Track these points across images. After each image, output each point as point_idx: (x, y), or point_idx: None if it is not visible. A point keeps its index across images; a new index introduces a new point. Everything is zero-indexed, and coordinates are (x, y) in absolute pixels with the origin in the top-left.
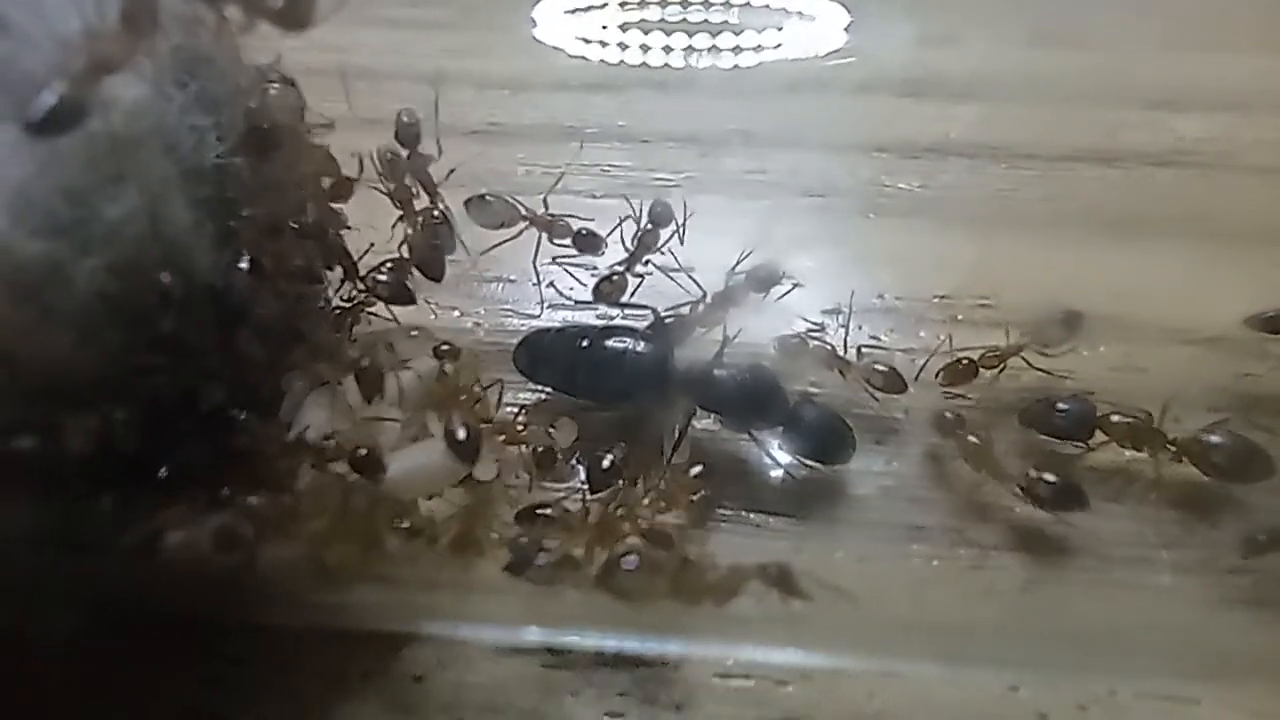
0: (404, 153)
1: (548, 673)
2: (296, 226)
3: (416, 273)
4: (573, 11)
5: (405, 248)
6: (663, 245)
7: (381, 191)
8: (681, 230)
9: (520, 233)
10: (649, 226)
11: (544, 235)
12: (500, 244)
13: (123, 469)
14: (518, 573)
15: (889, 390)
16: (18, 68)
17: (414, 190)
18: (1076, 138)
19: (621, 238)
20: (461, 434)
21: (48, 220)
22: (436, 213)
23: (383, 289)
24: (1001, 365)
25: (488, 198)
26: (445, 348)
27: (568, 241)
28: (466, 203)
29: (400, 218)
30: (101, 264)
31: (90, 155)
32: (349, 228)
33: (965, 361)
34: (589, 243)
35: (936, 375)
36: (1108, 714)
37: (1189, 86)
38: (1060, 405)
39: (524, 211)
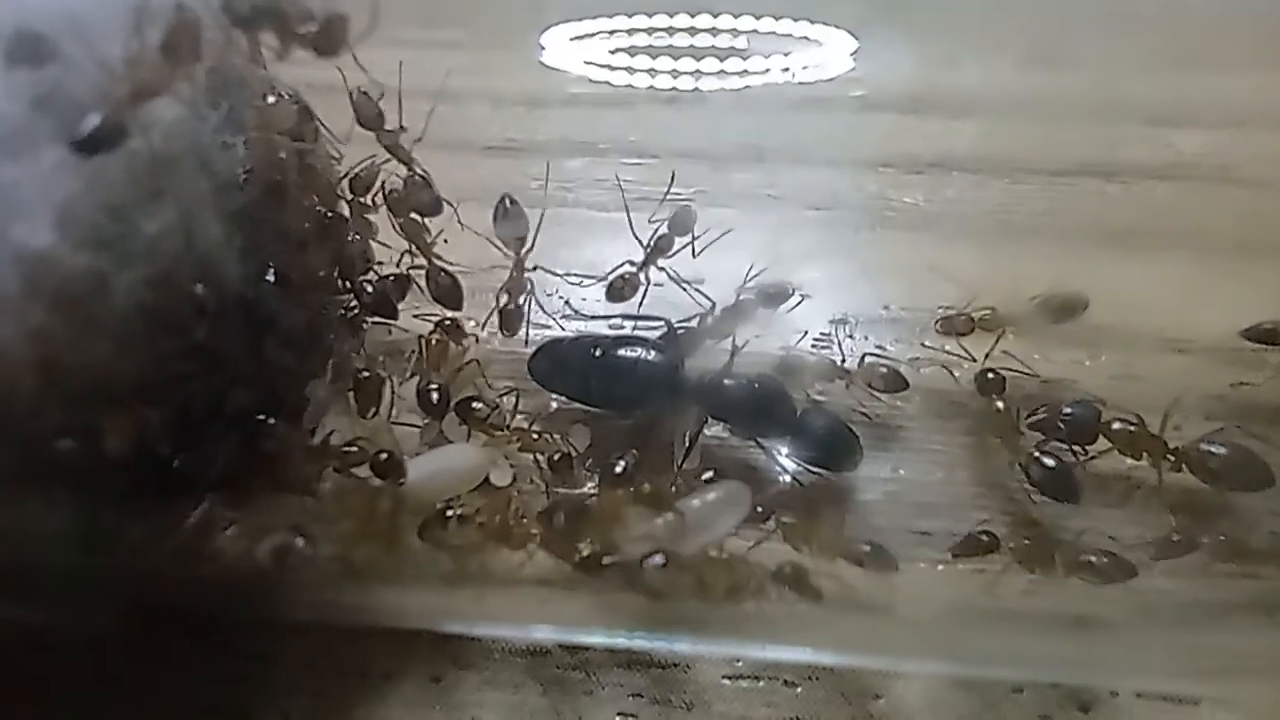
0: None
1: (563, 673)
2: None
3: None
4: (583, 36)
5: (425, 279)
6: (677, 251)
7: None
8: (694, 246)
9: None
10: (665, 232)
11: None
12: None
13: (157, 472)
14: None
15: (892, 390)
16: (66, 92)
17: (425, 224)
18: (1077, 153)
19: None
20: (435, 396)
21: (92, 234)
22: (417, 178)
23: (367, 298)
24: (1001, 331)
25: (516, 207)
26: (448, 322)
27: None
28: (504, 198)
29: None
30: (140, 276)
31: (131, 173)
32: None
33: (964, 317)
34: (510, 319)
35: (935, 325)
36: (1109, 715)
37: (1188, 103)
38: (1065, 410)
39: (520, 253)
